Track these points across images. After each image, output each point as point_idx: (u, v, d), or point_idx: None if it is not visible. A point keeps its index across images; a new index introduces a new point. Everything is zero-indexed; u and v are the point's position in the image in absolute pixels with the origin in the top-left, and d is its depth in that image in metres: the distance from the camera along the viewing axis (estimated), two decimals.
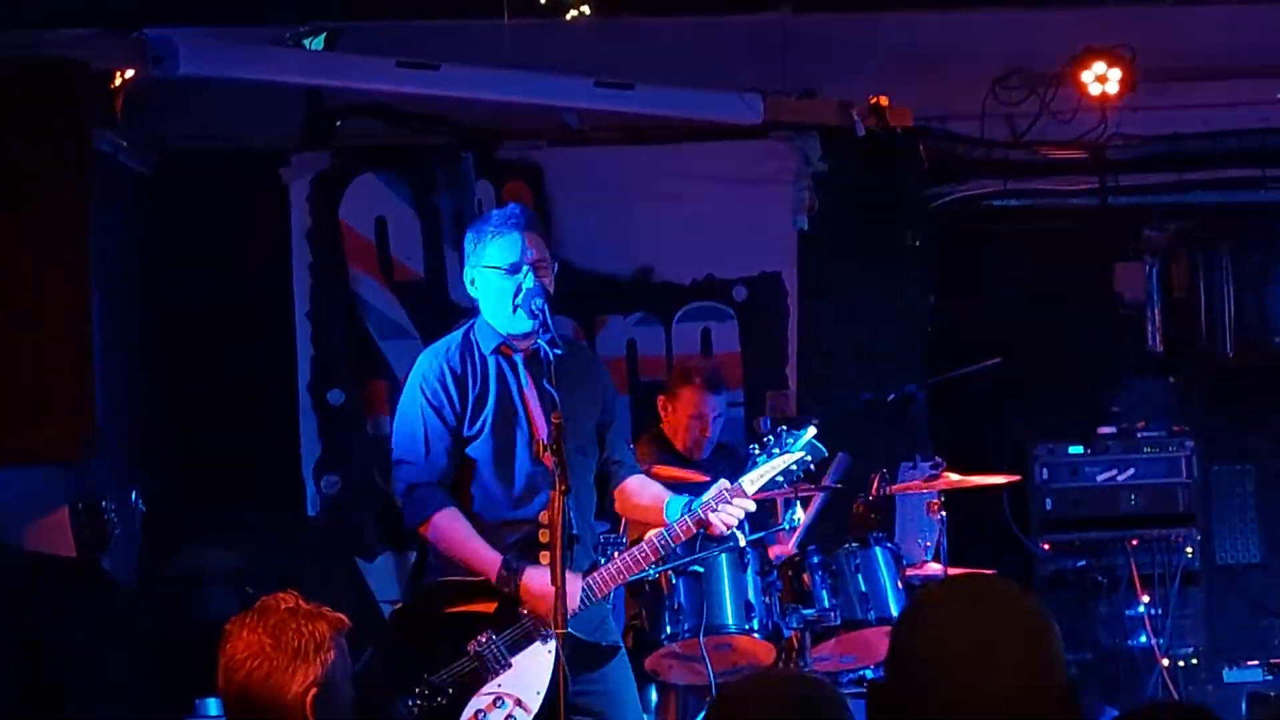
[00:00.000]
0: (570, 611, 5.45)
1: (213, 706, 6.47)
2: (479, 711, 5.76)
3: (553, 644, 5.59)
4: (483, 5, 5.85)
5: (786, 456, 5.95)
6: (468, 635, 5.78)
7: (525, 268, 5.83)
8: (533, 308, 5.76)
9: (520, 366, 5.97)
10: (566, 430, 5.57)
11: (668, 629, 6.84)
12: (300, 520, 8.30)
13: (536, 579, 5.69)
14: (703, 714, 6.53)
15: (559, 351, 5.75)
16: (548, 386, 5.68)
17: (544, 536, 5.64)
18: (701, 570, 6.83)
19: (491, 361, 5.99)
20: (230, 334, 8.43)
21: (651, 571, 6.59)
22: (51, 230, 5.26)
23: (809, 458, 6.00)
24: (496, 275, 5.86)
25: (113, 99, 7.36)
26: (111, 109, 7.38)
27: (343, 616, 4.15)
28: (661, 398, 7.78)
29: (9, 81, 5.54)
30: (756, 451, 6.03)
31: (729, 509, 5.86)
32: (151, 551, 7.79)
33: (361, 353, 8.47)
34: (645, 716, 7.36)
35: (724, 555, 6.79)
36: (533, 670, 5.78)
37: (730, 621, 6.82)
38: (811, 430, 6.02)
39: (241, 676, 4.05)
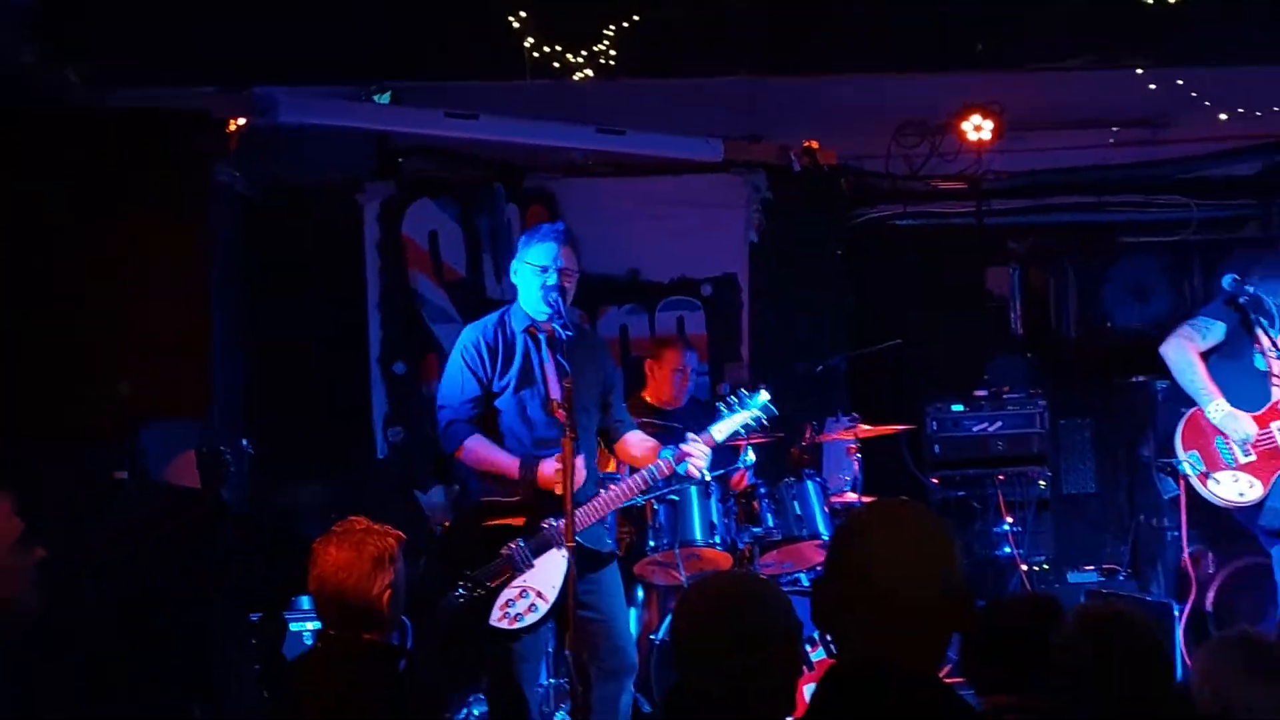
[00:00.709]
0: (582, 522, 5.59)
1: (305, 602, 6.48)
2: (509, 600, 5.71)
3: (566, 550, 5.49)
4: (511, 70, 5.69)
5: (746, 413, 5.96)
6: (500, 542, 5.70)
7: (553, 270, 5.75)
8: (549, 300, 5.70)
9: (543, 344, 5.87)
10: (574, 393, 5.53)
11: (651, 543, 6.84)
12: (372, 462, 8.25)
13: (549, 466, 5.65)
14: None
15: (570, 334, 5.69)
16: (560, 359, 5.62)
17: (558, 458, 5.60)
18: (677, 499, 6.81)
19: (521, 338, 5.90)
20: (318, 320, 8.39)
21: (639, 499, 6.59)
22: (180, 238, 5.17)
23: (763, 415, 5.98)
24: (532, 271, 5.78)
25: (229, 140, 7.29)
26: (228, 148, 7.32)
27: (402, 534, 4.13)
28: (648, 361, 7.71)
29: (150, 125, 5.38)
30: (723, 409, 5.99)
31: (700, 449, 5.83)
32: (259, 486, 7.76)
33: (418, 334, 8.44)
34: (632, 609, 7.32)
35: (694, 487, 6.75)
36: (551, 570, 5.70)
37: (698, 537, 6.79)
38: (765, 394, 6.01)
39: (334, 582, 4.02)
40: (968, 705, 2.52)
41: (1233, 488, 6.43)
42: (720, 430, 5.94)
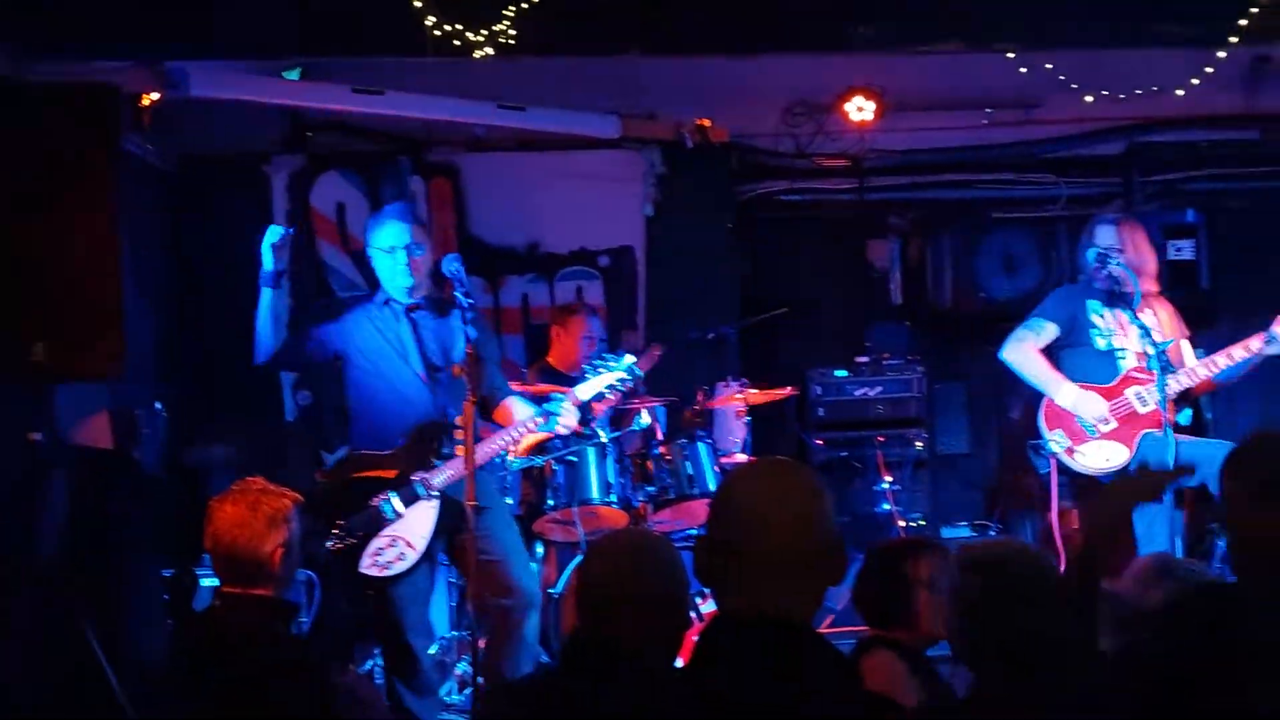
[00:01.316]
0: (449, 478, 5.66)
1: None
2: (379, 549, 5.70)
3: (436, 501, 5.65)
4: (414, 47, 5.65)
5: (610, 374, 5.93)
6: (371, 493, 5.72)
7: (400, 250, 5.87)
8: (404, 278, 5.87)
9: (409, 317, 5.96)
10: (442, 365, 5.75)
11: (550, 501, 6.82)
12: (282, 424, 8.21)
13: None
14: (576, 559, 6.54)
15: (428, 310, 5.92)
16: (471, 330, 5.56)
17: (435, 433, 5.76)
18: (575, 460, 6.80)
19: (390, 312, 6.00)
20: (228, 286, 8.05)
21: (539, 460, 6.62)
22: (90, 207, 5.10)
23: (628, 376, 5.97)
24: (382, 254, 5.91)
25: (141, 114, 7.26)
26: (141, 121, 7.28)
27: (299, 496, 4.13)
28: (555, 328, 7.68)
29: (63, 99, 5.30)
30: (588, 369, 5.99)
31: (567, 407, 5.86)
32: (170, 447, 7.66)
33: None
34: (533, 565, 7.34)
35: (591, 448, 6.77)
36: (420, 520, 5.71)
37: (595, 495, 6.81)
38: (629, 358, 6.00)
39: (228, 539, 3.98)
40: (838, 652, 2.54)
41: (1099, 456, 6.47)
42: (585, 390, 5.93)
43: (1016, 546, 3.55)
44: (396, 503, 5.71)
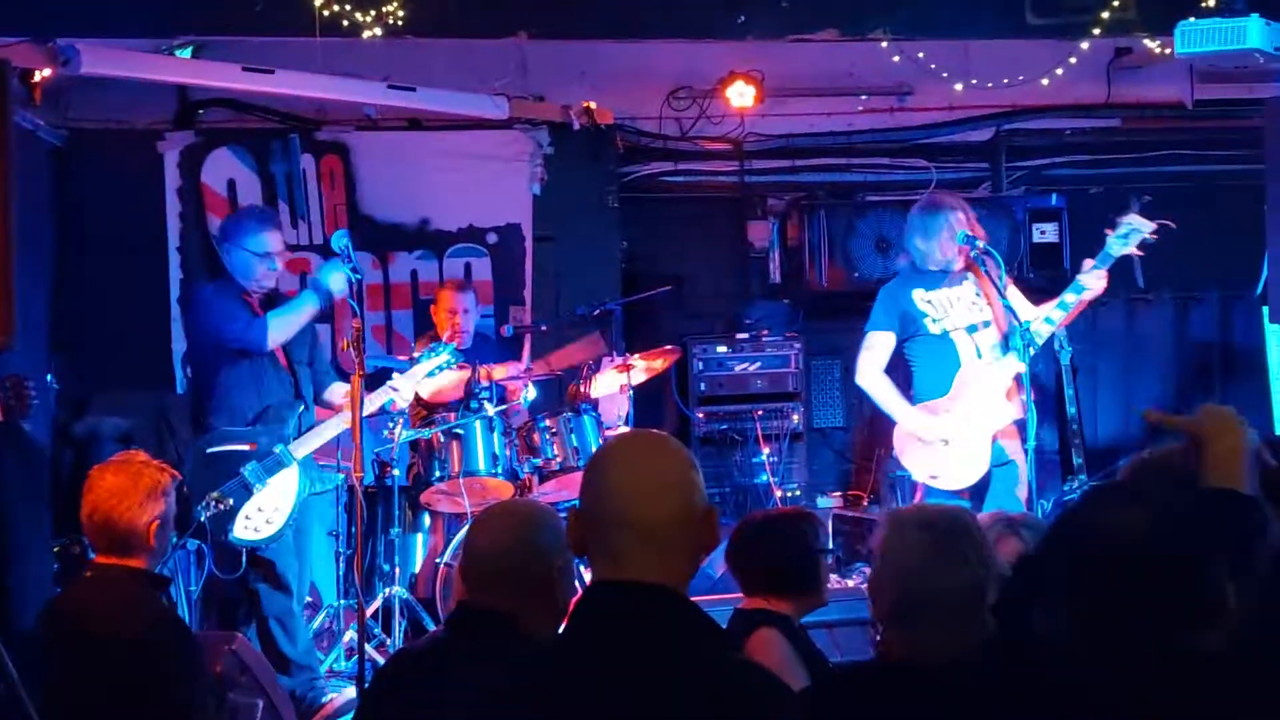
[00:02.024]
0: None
1: None
2: (248, 515, 5.97)
3: (297, 469, 5.97)
4: (303, 28, 5.60)
5: (433, 360, 6.28)
6: (239, 464, 5.97)
7: (274, 257, 6.17)
8: (268, 279, 6.23)
9: (255, 308, 6.26)
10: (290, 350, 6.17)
11: (436, 473, 6.85)
12: (171, 397, 8.01)
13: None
14: (463, 530, 6.51)
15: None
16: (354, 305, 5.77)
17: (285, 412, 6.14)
18: (462, 433, 6.81)
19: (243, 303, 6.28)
20: (119, 261, 8.16)
21: (426, 432, 6.65)
22: None
23: (451, 360, 6.36)
24: (252, 256, 6.14)
25: (33, 90, 7.13)
26: (32, 97, 7.16)
27: (178, 473, 4.14)
28: (431, 306, 7.72)
29: None
30: (418, 355, 6.38)
31: (400, 391, 6.28)
32: (61, 418, 7.59)
33: (215, 276, 8.19)
34: (420, 534, 7.36)
35: (479, 420, 6.81)
36: (284, 487, 6.01)
37: (482, 467, 6.82)
38: (451, 345, 6.44)
39: (105, 508, 3.94)
40: (710, 619, 2.53)
41: (959, 476, 6.33)
42: (413, 373, 6.28)
43: (950, 509, 3.60)
44: (260, 472, 5.94)
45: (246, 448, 6.00)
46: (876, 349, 6.53)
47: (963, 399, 6.31)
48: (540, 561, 3.12)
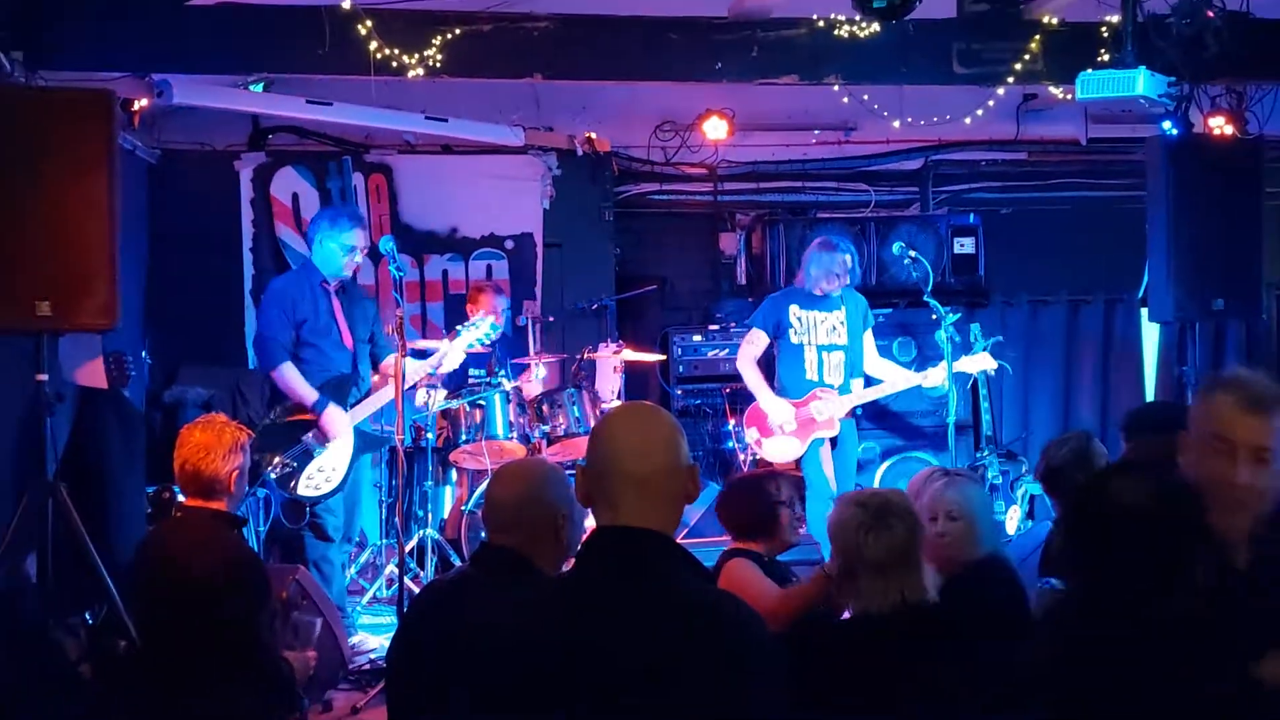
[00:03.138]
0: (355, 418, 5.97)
1: None
2: (310, 476, 5.93)
3: (350, 437, 5.90)
4: (357, 67, 5.60)
5: (469, 333, 6.13)
6: (303, 431, 5.94)
7: (358, 250, 6.05)
8: (349, 270, 6.08)
9: (333, 295, 6.11)
10: (353, 327, 6.07)
11: (463, 437, 6.84)
12: (243, 372, 7.96)
13: (330, 419, 5.94)
14: (484, 483, 6.52)
15: (352, 289, 6.15)
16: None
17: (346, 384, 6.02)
18: (484, 404, 6.81)
19: (319, 290, 6.12)
20: (201, 259, 8.16)
21: (455, 403, 6.63)
22: (90, 189, 5.00)
23: (491, 333, 6.22)
24: (341, 247, 6.01)
25: (133, 116, 7.18)
26: (131, 122, 7.19)
27: (252, 432, 4.16)
28: (469, 305, 7.56)
29: (69, 102, 5.15)
30: (460, 329, 6.20)
31: (453, 353, 6.12)
32: (152, 388, 7.58)
33: (282, 271, 8.13)
34: (449, 487, 7.34)
35: (498, 394, 6.80)
36: (340, 453, 5.95)
37: (500, 433, 6.82)
38: (491, 319, 6.25)
39: (194, 460, 3.93)
40: (691, 556, 2.52)
41: (782, 449, 6.95)
42: (461, 340, 6.16)
43: (883, 491, 3.67)
44: (321, 439, 5.91)
45: (310, 418, 5.96)
46: (754, 344, 7.08)
47: (810, 405, 6.87)
48: (547, 510, 3.12)
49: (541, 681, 2.35)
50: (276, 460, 5.84)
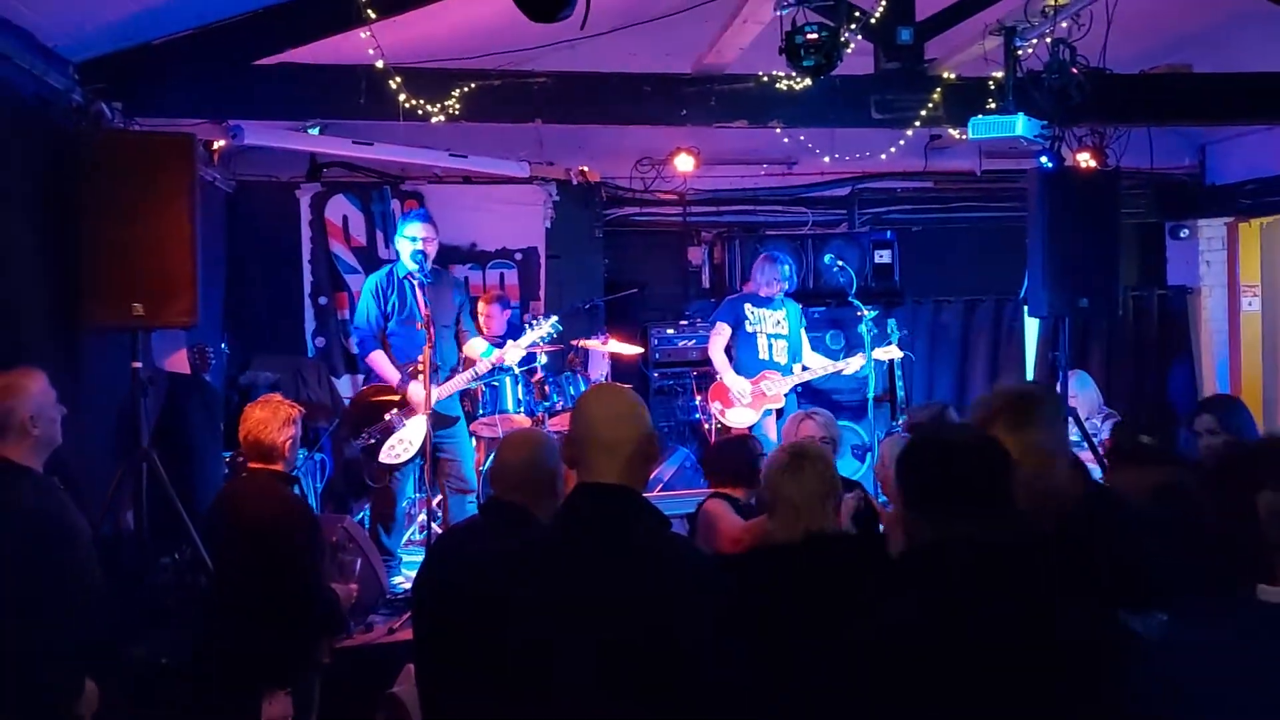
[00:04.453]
0: (436, 398, 5.72)
1: None
2: (391, 445, 5.81)
3: (424, 416, 5.62)
4: (390, 114, 5.59)
5: (538, 330, 6.11)
6: (386, 409, 5.85)
7: (420, 239, 5.86)
8: (417, 259, 5.81)
9: (416, 286, 5.90)
10: (435, 315, 5.68)
11: (481, 411, 6.81)
12: (304, 360, 7.97)
13: (412, 387, 5.78)
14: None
15: (431, 279, 5.85)
16: (424, 296, 5.73)
17: (419, 367, 5.64)
18: (498, 385, 6.79)
19: (403, 283, 5.96)
20: (269, 269, 8.14)
21: (473, 384, 6.60)
22: (176, 213, 4.99)
23: (553, 333, 6.18)
24: (408, 240, 5.87)
25: (213, 154, 7.15)
26: (211, 159, 7.15)
27: (303, 409, 4.10)
28: (482, 307, 7.54)
29: (161, 144, 5.20)
30: (526, 327, 6.20)
31: (512, 352, 6.10)
32: (230, 372, 7.55)
33: (334, 280, 8.18)
34: (473, 452, 7.36)
35: (508, 376, 6.76)
36: (416, 428, 5.75)
37: (510, 408, 6.80)
38: (554, 318, 6.20)
39: (255, 431, 3.93)
40: (655, 508, 2.51)
41: (740, 417, 7.24)
42: (525, 339, 6.17)
43: (810, 444, 3.72)
44: (402, 416, 5.85)
45: (396, 397, 5.91)
46: (721, 335, 7.43)
47: (761, 384, 7.22)
48: (546, 471, 3.11)
49: (526, 607, 2.36)
50: (364, 432, 5.79)
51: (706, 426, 7.85)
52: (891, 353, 7.36)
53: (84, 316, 4.93)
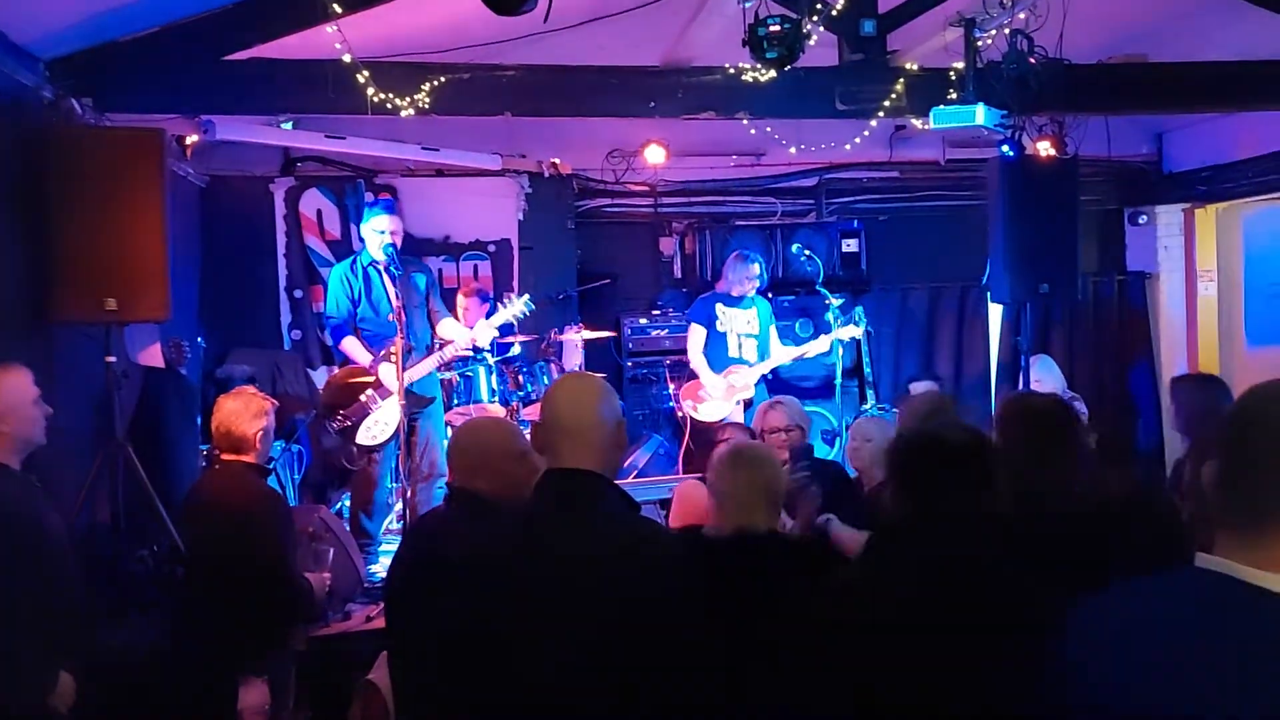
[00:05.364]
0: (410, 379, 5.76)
1: None
2: (368, 426, 5.84)
3: (400, 396, 5.64)
4: (358, 108, 5.53)
5: (511, 308, 6.17)
6: (360, 391, 5.86)
7: (386, 232, 5.88)
8: (385, 250, 5.85)
9: (382, 274, 5.96)
10: (405, 300, 5.72)
11: (455, 401, 6.76)
12: (280, 353, 7.93)
13: (383, 368, 5.81)
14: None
15: (400, 269, 5.86)
16: (395, 289, 5.75)
17: (392, 347, 5.66)
18: (472, 374, 6.77)
19: (369, 271, 5.98)
20: (245, 264, 8.05)
21: (446, 373, 6.60)
22: (147, 208, 4.92)
23: (525, 311, 6.22)
24: (374, 231, 5.90)
25: (185, 149, 7.10)
26: (184, 154, 7.11)
27: (276, 402, 4.09)
28: (459, 296, 7.56)
29: (131, 139, 5.13)
30: (498, 306, 6.24)
31: (484, 332, 6.18)
32: (207, 366, 7.49)
33: (309, 274, 8.11)
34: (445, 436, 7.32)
35: (481, 366, 6.77)
36: (392, 409, 5.76)
37: (484, 397, 6.77)
38: (526, 296, 6.27)
39: (227, 422, 3.91)
40: (623, 490, 2.52)
41: (712, 410, 7.33)
42: (498, 318, 6.19)
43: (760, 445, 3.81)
44: (377, 397, 5.83)
45: (370, 379, 5.91)
46: (697, 335, 7.49)
47: (729, 377, 7.31)
48: (511, 456, 3.10)
49: (495, 593, 2.36)
50: (339, 413, 5.76)
51: (680, 415, 7.87)
52: (852, 331, 7.40)
53: (56, 312, 4.88)
